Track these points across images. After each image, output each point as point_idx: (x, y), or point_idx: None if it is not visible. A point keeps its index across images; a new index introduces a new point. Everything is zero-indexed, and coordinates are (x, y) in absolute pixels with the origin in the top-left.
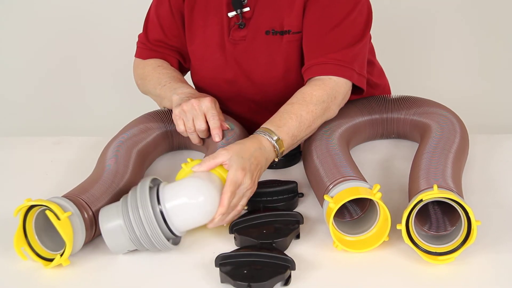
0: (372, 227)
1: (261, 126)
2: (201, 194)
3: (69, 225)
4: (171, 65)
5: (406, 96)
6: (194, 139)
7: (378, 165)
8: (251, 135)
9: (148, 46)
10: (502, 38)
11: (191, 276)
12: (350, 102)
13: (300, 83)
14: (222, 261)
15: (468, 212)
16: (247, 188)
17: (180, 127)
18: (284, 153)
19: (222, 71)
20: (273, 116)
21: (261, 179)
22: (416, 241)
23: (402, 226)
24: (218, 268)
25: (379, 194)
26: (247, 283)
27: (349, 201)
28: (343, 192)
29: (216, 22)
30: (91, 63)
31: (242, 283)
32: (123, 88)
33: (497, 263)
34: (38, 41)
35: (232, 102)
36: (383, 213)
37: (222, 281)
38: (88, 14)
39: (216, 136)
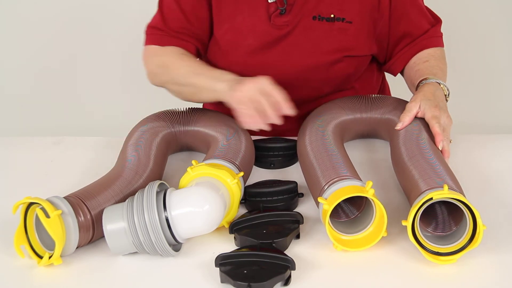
0: (369, 225)
1: (418, 81)
2: (207, 203)
3: (58, 224)
4: (190, 53)
5: (383, 96)
6: (255, 124)
7: (377, 164)
8: (421, 87)
9: (168, 32)
10: (502, 38)
11: (191, 276)
12: (331, 102)
13: (344, 71)
14: (222, 261)
15: (475, 216)
16: (446, 122)
17: (241, 116)
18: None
19: (258, 56)
20: (419, 73)
21: (260, 179)
22: (419, 239)
23: (408, 223)
24: (218, 268)
25: (372, 191)
26: (247, 283)
27: (344, 201)
28: (336, 193)
29: (250, 7)
30: (91, 62)
31: (242, 283)
32: (123, 88)
33: (498, 263)
34: (37, 40)
35: None
36: (379, 209)
37: (222, 281)
38: (88, 13)
39: (289, 109)
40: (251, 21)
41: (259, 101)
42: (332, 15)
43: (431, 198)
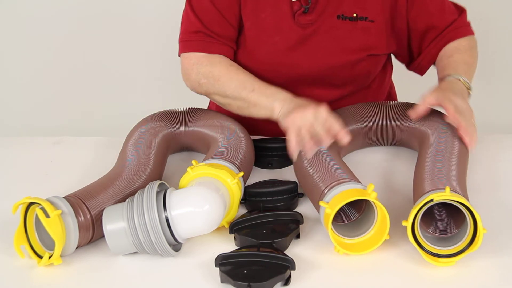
0: (371, 228)
1: (440, 78)
2: (207, 203)
3: (58, 224)
4: (230, 57)
5: (403, 102)
6: (308, 150)
7: (378, 166)
8: (439, 83)
9: (213, 36)
10: (502, 38)
11: (191, 276)
12: (344, 108)
13: (366, 69)
14: (222, 261)
15: (476, 219)
16: (464, 108)
17: (292, 141)
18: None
19: (284, 55)
20: (443, 70)
21: (260, 179)
22: (419, 240)
23: (408, 223)
24: (218, 268)
25: (374, 194)
26: (247, 283)
27: (345, 204)
28: (338, 196)
29: (274, 5)
30: (91, 62)
31: (242, 283)
32: (123, 88)
33: (498, 266)
34: (38, 41)
35: (287, 85)
36: (381, 212)
37: (222, 281)
38: (88, 13)
39: (346, 136)
40: (275, 18)
41: (313, 129)
42: (354, 14)
43: (432, 200)
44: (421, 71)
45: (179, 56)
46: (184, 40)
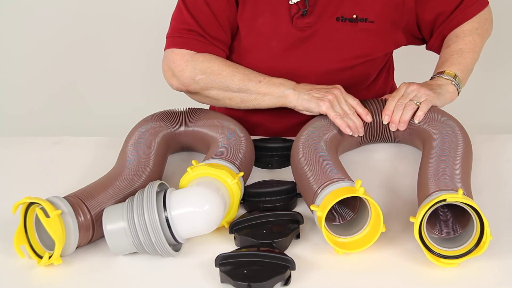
0: (367, 223)
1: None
2: (207, 203)
3: (58, 224)
4: None
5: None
6: (355, 123)
7: (379, 165)
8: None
9: (206, 38)
10: (503, 38)
11: (191, 276)
12: None
13: (365, 71)
14: (222, 261)
15: (484, 224)
16: (413, 89)
17: (331, 114)
18: (463, 80)
19: (281, 59)
20: (438, 63)
21: (259, 179)
22: (423, 238)
23: (416, 219)
24: (218, 268)
25: (362, 189)
26: (247, 283)
27: (338, 204)
28: (327, 197)
29: (272, 9)
30: (92, 62)
31: (242, 283)
32: (124, 88)
33: (500, 266)
34: (38, 40)
35: None
36: (373, 207)
37: (222, 281)
38: (89, 13)
39: (369, 117)
40: (273, 23)
41: (338, 108)
42: (354, 16)
43: (445, 200)
44: (436, 52)
45: (164, 50)
46: (175, 36)
